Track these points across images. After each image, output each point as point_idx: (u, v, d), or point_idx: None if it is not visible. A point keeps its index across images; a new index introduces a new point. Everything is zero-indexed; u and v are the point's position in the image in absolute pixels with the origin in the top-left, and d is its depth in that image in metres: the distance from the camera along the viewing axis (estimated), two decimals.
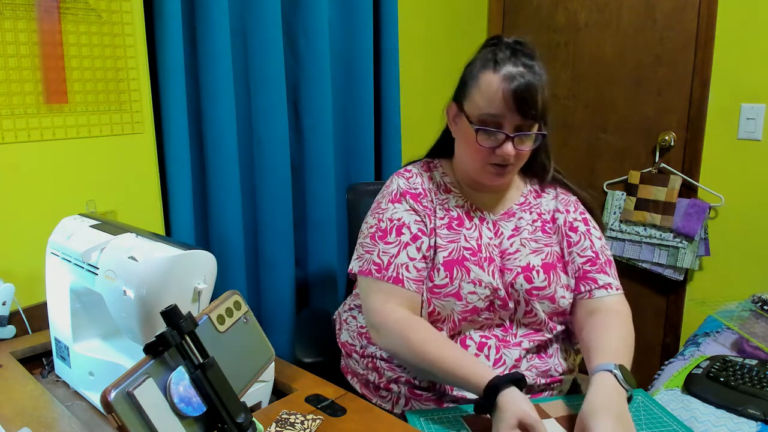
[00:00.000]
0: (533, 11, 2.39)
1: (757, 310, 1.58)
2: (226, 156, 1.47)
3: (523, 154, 1.06)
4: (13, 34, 1.17)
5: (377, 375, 1.14)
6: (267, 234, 1.62)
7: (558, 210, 1.17)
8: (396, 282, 1.06)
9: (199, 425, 0.65)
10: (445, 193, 1.16)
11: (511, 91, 1.00)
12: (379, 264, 1.08)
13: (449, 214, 1.13)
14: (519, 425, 0.85)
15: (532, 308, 1.10)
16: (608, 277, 1.11)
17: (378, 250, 1.09)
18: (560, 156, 2.39)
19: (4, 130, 1.18)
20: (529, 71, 1.02)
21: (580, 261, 1.12)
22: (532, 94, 1.01)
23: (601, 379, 0.92)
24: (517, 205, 1.17)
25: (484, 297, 1.07)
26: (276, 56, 1.53)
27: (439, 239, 1.10)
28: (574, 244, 1.13)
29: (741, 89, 1.97)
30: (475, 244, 1.10)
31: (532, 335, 1.11)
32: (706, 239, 2.08)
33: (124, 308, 0.89)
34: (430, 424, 0.98)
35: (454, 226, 1.11)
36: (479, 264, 1.07)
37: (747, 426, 1.20)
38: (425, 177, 1.17)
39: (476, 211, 1.15)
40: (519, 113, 1.01)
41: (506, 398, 0.89)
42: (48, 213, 1.24)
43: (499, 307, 1.09)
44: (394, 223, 1.10)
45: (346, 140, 1.81)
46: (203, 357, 0.66)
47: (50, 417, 0.91)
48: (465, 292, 1.06)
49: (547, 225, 1.15)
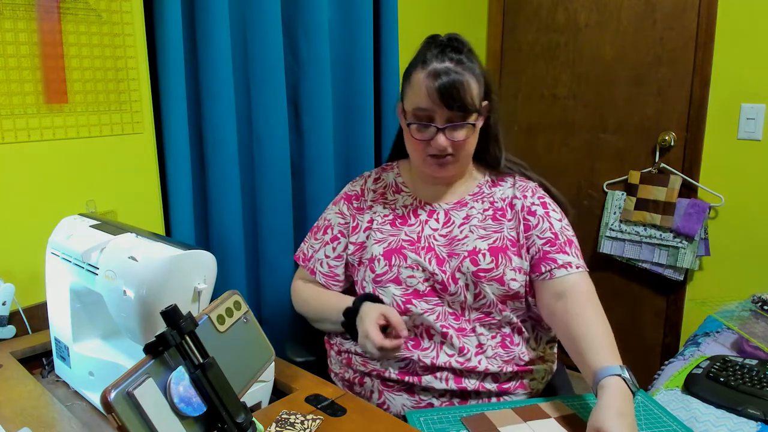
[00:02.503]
0: (533, 11, 2.39)
1: (757, 310, 1.58)
2: (226, 156, 1.47)
3: (459, 144, 1.11)
4: (13, 34, 1.17)
5: (352, 371, 1.19)
6: (267, 234, 1.62)
7: (515, 197, 1.19)
8: (311, 273, 1.29)
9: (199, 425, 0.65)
10: (395, 194, 1.26)
11: (436, 88, 1.07)
12: (305, 254, 1.32)
13: (394, 212, 1.22)
14: (381, 320, 1.05)
15: (481, 291, 1.12)
16: (568, 257, 1.12)
17: (309, 243, 1.32)
18: (560, 156, 2.40)
19: (4, 130, 1.18)
20: (457, 65, 1.09)
21: (539, 243, 1.14)
22: (457, 88, 1.07)
23: (614, 384, 0.91)
24: (470, 195, 1.21)
25: (423, 280, 1.13)
26: (276, 56, 1.53)
27: (380, 233, 1.20)
28: (533, 227, 1.15)
29: (741, 89, 1.97)
30: (415, 236, 1.18)
31: (483, 318, 1.13)
32: (706, 239, 2.08)
33: (124, 308, 0.89)
34: (430, 424, 0.98)
35: (397, 224, 1.20)
36: (416, 251, 1.15)
37: (747, 426, 1.20)
38: (371, 179, 1.29)
39: (425, 205, 1.22)
40: (446, 107, 1.08)
41: (366, 306, 1.09)
42: (48, 213, 1.24)
43: (440, 290, 1.13)
44: (324, 223, 1.30)
45: (346, 140, 1.81)
46: (203, 357, 0.66)
47: (50, 417, 0.91)
48: (404, 276, 1.14)
49: (498, 213, 1.18)
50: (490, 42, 2.49)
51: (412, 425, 0.96)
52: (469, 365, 1.10)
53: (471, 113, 1.10)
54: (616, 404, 0.88)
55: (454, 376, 1.11)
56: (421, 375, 1.12)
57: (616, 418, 0.85)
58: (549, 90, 2.39)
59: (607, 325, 1.04)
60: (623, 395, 0.90)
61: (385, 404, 1.14)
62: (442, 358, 1.11)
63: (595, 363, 0.97)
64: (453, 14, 2.28)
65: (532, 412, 1.02)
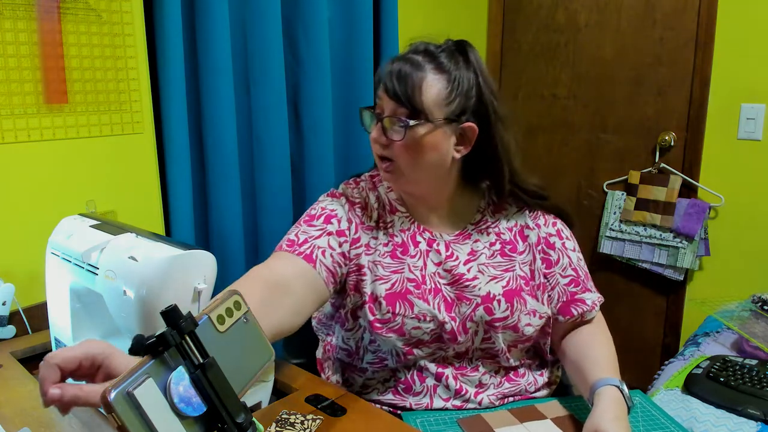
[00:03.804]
0: (533, 11, 2.39)
1: (757, 310, 1.58)
2: (226, 156, 1.47)
3: (396, 148, 0.95)
4: (13, 34, 1.17)
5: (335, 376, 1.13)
6: (267, 234, 1.62)
7: (527, 226, 1.07)
8: (306, 259, 0.96)
9: (199, 425, 0.65)
10: (390, 214, 1.06)
11: (383, 70, 0.96)
12: (293, 240, 0.99)
13: (393, 240, 1.03)
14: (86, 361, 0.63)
15: (492, 337, 1.03)
16: (592, 294, 1.08)
17: (301, 229, 1.01)
18: (560, 156, 2.40)
19: (4, 130, 1.18)
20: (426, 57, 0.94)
21: (563, 282, 1.06)
22: (404, 77, 0.92)
23: (611, 392, 0.92)
24: (473, 224, 1.07)
25: (429, 331, 0.99)
26: (276, 56, 1.53)
27: (381, 268, 1.01)
28: (555, 263, 1.06)
29: (741, 89, 1.97)
30: (419, 275, 1.01)
31: (489, 361, 1.07)
32: (706, 239, 2.08)
33: (124, 308, 0.89)
34: (426, 426, 0.98)
35: (398, 254, 1.02)
36: (423, 297, 0.99)
37: (747, 426, 1.20)
38: (372, 196, 1.07)
39: (424, 232, 1.05)
40: (390, 97, 0.94)
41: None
42: (48, 213, 1.24)
43: (448, 340, 1.01)
44: (326, 212, 1.03)
45: (346, 140, 1.81)
46: (203, 357, 0.66)
47: (50, 417, 0.91)
48: (408, 327, 0.99)
49: (507, 247, 1.06)
50: (490, 42, 2.48)
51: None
52: (468, 406, 1.04)
53: (419, 117, 0.93)
54: (612, 408, 0.90)
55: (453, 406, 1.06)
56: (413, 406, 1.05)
57: (613, 421, 0.87)
58: (549, 90, 2.39)
59: (613, 349, 1.04)
60: (619, 402, 0.91)
61: None
62: (437, 403, 1.03)
63: (594, 375, 0.98)
64: (453, 14, 2.28)
65: (528, 414, 1.02)
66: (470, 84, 0.95)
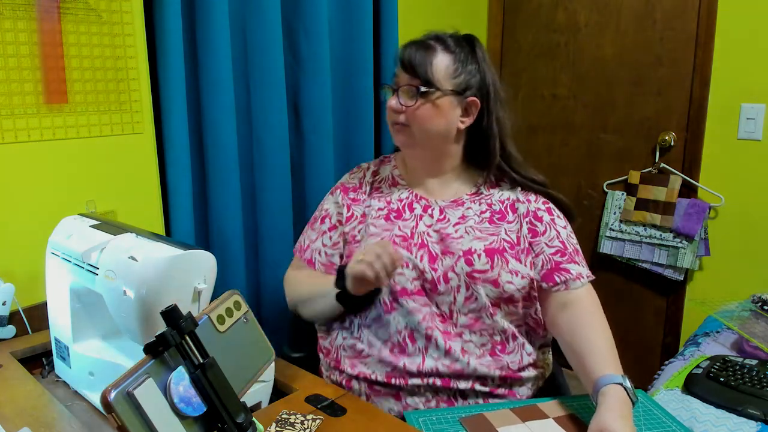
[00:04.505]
0: (533, 11, 2.39)
1: (757, 310, 1.58)
2: (226, 156, 1.47)
3: (410, 112, 1.12)
4: (13, 34, 1.17)
5: (339, 373, 1.17)
6: (267, 234, 1.62)
7: (519, 200, 1.18)
8: (309, 263, 1.25)
9: (199, 425, 0.65)
10: (391, 187, 1.25)
11: (402, 51, 1.14)
12: (302, 246, 1.29)
13: (389, 206, 1.20)
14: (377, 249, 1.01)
15: (473, 293, 1.10)
16: (579, 267, 1.13)
17: (306, 235, 1.30)
18: (560, 156, 2.40)
19: (4, 130, 1.18)
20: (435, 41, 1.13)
21: (549, 252, 1.13)
22: (419, 55, 1.11)
23: (615, 391, 0.93)
24: (468, 195, 1.20)
25: (412, 279, 1.11)
26: (276, 56, 1.53)
27: (373, 227, 1.18)
28: (541, 234, 1.14)
29: (741, 89, 1.97)
30: (408, 232, 1.15)
31: (473, 325, 1.11)
32: (706, 239, 2.08)
33: (124, 308, 0.89)
34: (428, 425, 0.99)
35: (392, 218, 1.18)
36: (408, 248, 1.13)
37: (747, 426, 1.20)
38: (369, 172, 1.29)
39: (421, 200, 1.20)
40: (403, 69, 1.13)
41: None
42: (48, 213, 1.24)
43: (430, 290, 1.11)
44: (322, 213, 1.28)
45: (346, 140, 1.81)
46: (203, 357, 0.66)
47: (50, 417, 0.91)
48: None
49: (496, 216, 1.16)
50: (490, 42, 2.49)
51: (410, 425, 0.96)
52: (456, 367, 1.09)
53: (430, 85, 1.11)
54: (618, 407, 0.90)
55: (441, 380, 1.10)
56: (408, 379, 1.10)
57: (619, 420, 0.88)
58: (549, 90, 2.39)
59: (611, 336, 1.05)
60: (624, 401, 0.92)
61: None
62: (429, 363, 1.09)
63: (596, 371, 0.98)
64: (453, 14, 2.28)
65: (531, 413, 1.02)
66: (474, 65, 1.14)
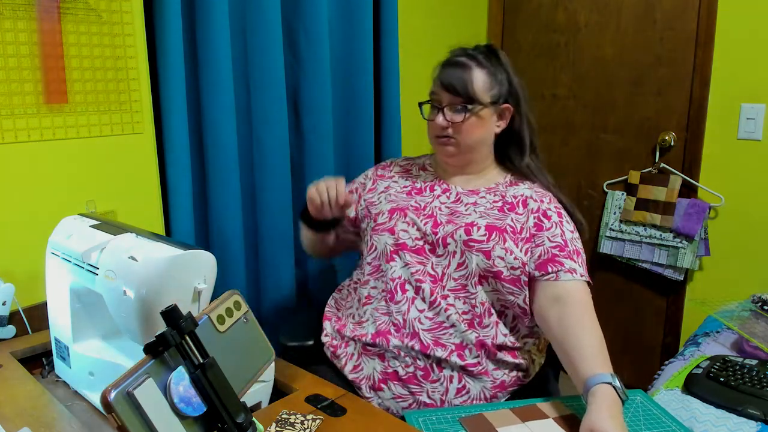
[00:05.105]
0: (533, 11, 2.39)
1: (757, 310, 1.58)
2: (226, 156, 1.47)
3: (457, 127, 1.22)
4: (13, 34, 1.17)
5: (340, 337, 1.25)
6: (267, 234, 1.62)
7: (532, 198, 1.23)
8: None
9: (199, 425, 0.65)
10: (420, 170, 1.38)
11: (441, 74, 1.24)
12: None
13: (414, 185, 1.33)
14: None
15: (466, 260, 1.16)
16: (574, 263, 1.15)
17: None
18: (560, 156, 2.40)
19: (4, 130, 1.18)
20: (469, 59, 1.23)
21: (549, 245, 1.16)
22: (458, 77, 1.21)
23: (604, 391, 0.94)
24: (486, 188, 1.28)
25: (414, 237, 1.22)
26: (276, 56, 1.53)
27: (393, 197, 1.30)
28: (546, 229, 1.19)
29: (741, 89, 1.97)
30: (422, 204, 1.26)
31: (458, 291, 1.17)
32: (706, 239, 2.08)
33: (124, 308, 0.89)
34: (428, 425, 0.99)
35: (413, 194, 1.30)
36: (417, 214, 1.24)
37: (747, 426, 1.20)
38: (406, 160, 1.43)
39: (443, 184, 1.31)
40: (446, 91, 1.22)
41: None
42: (48, 213, 1.24)
43: (429, 250, 1.20)
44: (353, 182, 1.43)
45: (346, 140, 1.81)
46: (203, 357, 0.66)
47: (50, 417, 0.91)
48: (398, 228, 1.23)
49: (507, 206, 1.23)
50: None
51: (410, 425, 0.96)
52: (438, 320, 1.15)
53: (473, 102, 1.21)
54: (607, 407, 0.92)
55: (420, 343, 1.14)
56: (390, 339, 1.16)
57: (609, 420, 0.89)
58: (549, 90, 2.39)
59: (601, 336, 1.06)
60: (613, 401, 0.93)
61: (360, 366, 1.19)
62: (413, 313, 1.16)
63: (586, 371, 0.99)
64: (453, 14, 2.28)
65: (531, 413, 1.02)
66: (504, 75, 1.26)
